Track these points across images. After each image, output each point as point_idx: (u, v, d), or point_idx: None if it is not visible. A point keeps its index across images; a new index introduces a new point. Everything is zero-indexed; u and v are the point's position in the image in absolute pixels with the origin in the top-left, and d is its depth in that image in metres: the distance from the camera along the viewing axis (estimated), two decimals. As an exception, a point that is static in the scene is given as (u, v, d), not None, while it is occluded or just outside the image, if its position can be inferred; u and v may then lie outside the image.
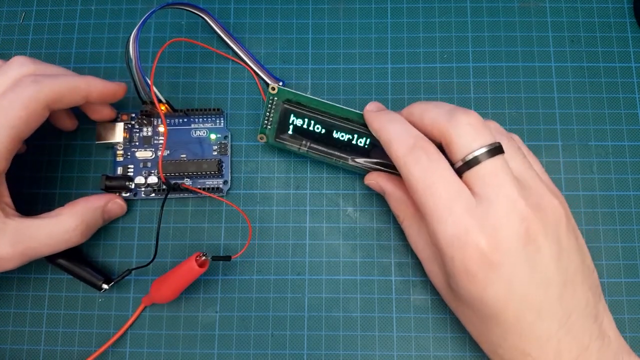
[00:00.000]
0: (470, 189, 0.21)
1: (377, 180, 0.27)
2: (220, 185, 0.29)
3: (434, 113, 0.23)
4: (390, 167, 0.27)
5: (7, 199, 0.25)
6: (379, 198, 0.29)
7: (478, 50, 0.31)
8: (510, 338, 0.21)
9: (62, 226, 0.25)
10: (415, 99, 0.30)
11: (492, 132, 0.22)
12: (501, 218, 0.20)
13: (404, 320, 0.28)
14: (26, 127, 0.23)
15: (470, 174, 0.21)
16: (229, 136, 0.30)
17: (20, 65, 0.24)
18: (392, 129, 0.23)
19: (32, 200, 0.30)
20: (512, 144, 0.23)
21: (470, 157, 0.21)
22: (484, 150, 0.21)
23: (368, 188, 0.29)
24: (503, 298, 0.20)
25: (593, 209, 0.29)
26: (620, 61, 0.31)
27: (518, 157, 0.23)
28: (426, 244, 0.25)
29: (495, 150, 0.21)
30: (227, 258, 0.26)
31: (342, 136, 0.27)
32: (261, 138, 0.28)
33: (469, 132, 0.21)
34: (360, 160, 0.27)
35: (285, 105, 0.27)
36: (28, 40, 0.32)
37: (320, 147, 0.28)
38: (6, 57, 0.31)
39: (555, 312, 0.21)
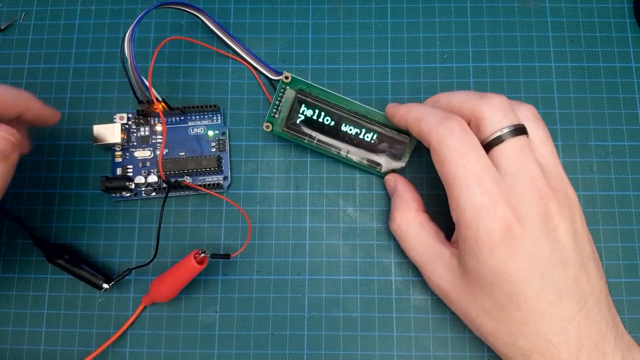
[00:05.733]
0: (494, 164, 0.22)
1: (395, 178, 0.28)
2: (220, 181, 0.29)
3: (463, 95, 0.24)
4: (393, 163, 0.28)
5: None
6: (379, 198, 0.29)
7: (478, 50, 0.31)
8: (532, 322, 0.21)
9: None
10: (415, 99, 0.30)
11: (527, 115, 0.23)
12: (524, 193, 0.21)
13: (404, 320, 0.28)
14: None
15: (497, 149, 0.22)
16: (227, 132, 0.30)
17: None
18: (420, 109, 0.25)
19: (32, 200, 0.30)
20: (546, 133, 0.24)
21: (499, 133, 0.22)
22: (511, 128, 0.22)
23: (368, 188, 0.29)
24: (525, 273, 0.21)
25: (593, 209, 0.29)
26: (620, 61, 0.31)
27: (548, 144, 0.24)
28: (426, 246, 0.25)
29: (520, 130, 0.22)
30: (227, 256, 0.26)
31: (350, 130, 0.27)
32: (267, 127, 0.28)
33: (501, 110, 0.22)
34: (365, 154, 0.28)
35: (298, 95, 0.27)
36: (28, 40, 0.32)
37: (327, 140, 0.28)
38: (6, 56, 0.31)
39: (574, 294, 0.21)
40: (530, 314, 0.21)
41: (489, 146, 0.22)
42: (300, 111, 0.27)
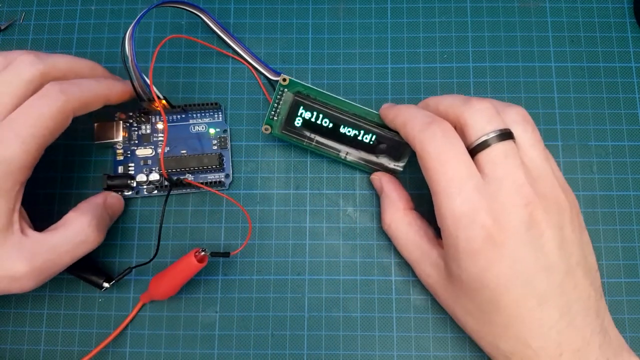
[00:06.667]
0: (480, 170, 0.22)
1: (380, 178, 0.28)
2: (222, 179, 0.29)
3: (450, 100, 0.24)
4: (392, 164, 0.28)
5: (24, 214, 0.24)
6: (379, 198, 0.29)
7: (478, 50, 0.31)
8: (512, 327, 0.21)
9: (75, 228, 0.24)
10: (415, 99, 0.30)
11: (515, 118, 0.23)
12: (507, 200, 0.21)
13: (404, 320, 0.28)
14: (51, 137, 0.24)
15: (482, 155, 0.22)
16: (229, 130, 0.30)
17: (29, 65, 0.23)
18: (408, 112, 0.24)
19: (32, 200, 0.30)
20: (535, 135, 0.23)
21: (484, 138, 0.22)
22: (496, 133, 0.22)
23: (368, 188, 0.30)
24: (505, 280, 0.21)
25: (593, 209, 0.29)
26: (620, 61, 0.31)
27: (538, 147, 0.23)
28: (415, 245, 0.26)
29: (507, 135, 0.22)
30: (226, 254, 0.26)
31: (349, 131, 0.27)
32: (266, 129, 0.28)
33: (484, 115, 0.22)
34: (364, 155, 0.28)
35: (296, 98, 0.27)
36: (28, 40, 0.32)
37: (325, 141, 0.28)
38: (6, 57, 0.31)
39: (557, 301, 0.21)
40: (510, 319, 0.21)
41: (474, 152, 0.22)
42: (299, 114, 0.27)
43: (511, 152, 0.22)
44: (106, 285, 0.27)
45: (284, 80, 0.27)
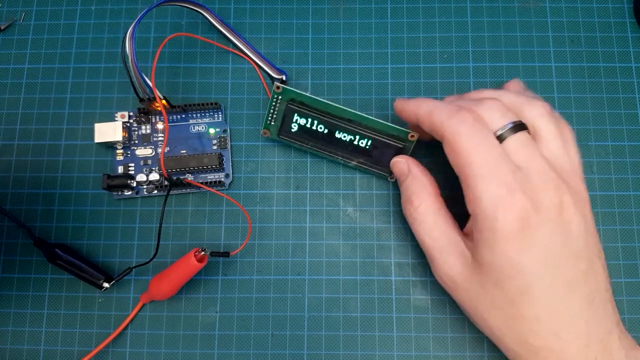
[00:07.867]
0: None
1: (407, 160, 0.27)
2: (222, 179, 0.29)
3: (461, 101, 0.24)
4: (387, 167, 0.28)
5: None
6: (379, 198, 0.29)
7: (478, 50, 0.31)
8: (543, 317, 0.21)
9: None
10: (415, 99, 0.30)
11: (540, 111, 0.23)
12: (538, 184, 0.21)
13: (404, 320, 0.28)
14: None
15: (503, 145, 0.22)
16: (229, 130, 0.30)
17: None
18: (430, 103, 0.24)
19: (32, 200, 0.30)
20: (558, 127, 0.23)
21: (500, 132, 0.22)
22: (511, 125, 0.22)
23: (368, 188, 0.29)
24: (538, 265, 0.21)
25: (593, 209, 0.29)
26: (620, 61, 0.31)
27: (559, 139, 0.23)
28: (443, 233, 0.24)
29: (520, 126, 0.22)
30: (226, 254, 0.26)
31: (344, 136, 0.27)
32: (265, 133, 0.28)
33: (497, 110, 0.23)
34: (360, 160, 0.28)
35: (289, 105, 0.27)
36: (28, 40, 0.32)
37: (322, 147, 0.28)
38: (6, 56, 0.31)
39: (583, 290, 0.21)
40: (541, 309, 0.21)
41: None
42: (294, 120, 0.27)
43: (528, 142, 0.22)
44: (106, 285, 0.27)
45: (278, 88, 0.26)
